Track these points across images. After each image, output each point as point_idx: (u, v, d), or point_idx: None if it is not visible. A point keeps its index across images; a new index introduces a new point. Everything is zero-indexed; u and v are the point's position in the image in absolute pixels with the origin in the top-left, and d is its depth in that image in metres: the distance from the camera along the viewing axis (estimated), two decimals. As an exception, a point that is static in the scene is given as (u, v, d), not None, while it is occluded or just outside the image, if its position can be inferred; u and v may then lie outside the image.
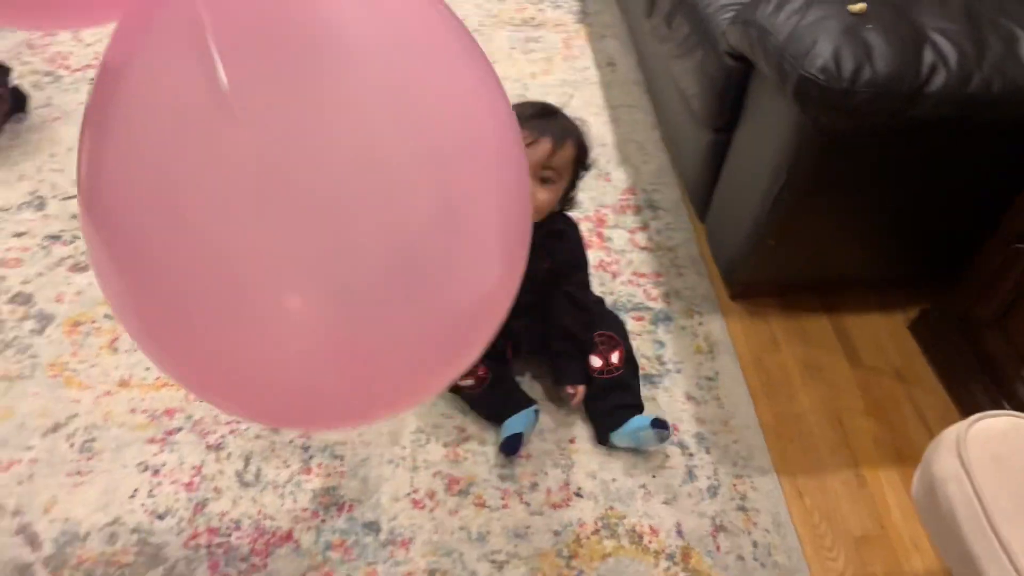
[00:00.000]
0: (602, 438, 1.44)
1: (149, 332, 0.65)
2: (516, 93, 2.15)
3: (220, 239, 0.57)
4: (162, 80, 0.58)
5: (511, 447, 1.41)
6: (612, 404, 1.44)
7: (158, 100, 0.58)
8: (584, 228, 1.83)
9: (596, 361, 1.47)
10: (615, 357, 1.48)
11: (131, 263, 0.61)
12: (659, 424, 1.39)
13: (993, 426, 0.94)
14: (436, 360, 0.67)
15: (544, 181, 1.33)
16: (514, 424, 1.42)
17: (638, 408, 1.46)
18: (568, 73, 2.23)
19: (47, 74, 2.10)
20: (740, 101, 1.54)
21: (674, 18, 1.71)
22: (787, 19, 1.31)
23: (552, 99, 2.11)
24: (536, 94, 2.15)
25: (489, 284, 0.65)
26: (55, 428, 1.43)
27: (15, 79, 1.98)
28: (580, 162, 1.38)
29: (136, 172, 0.59)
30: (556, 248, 1.42)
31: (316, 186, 0.56)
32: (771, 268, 1.61)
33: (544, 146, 1.31)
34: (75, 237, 1.74)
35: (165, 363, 0.68)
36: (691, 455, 1.45)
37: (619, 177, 1.96)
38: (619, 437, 1.42)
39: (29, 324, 1.58)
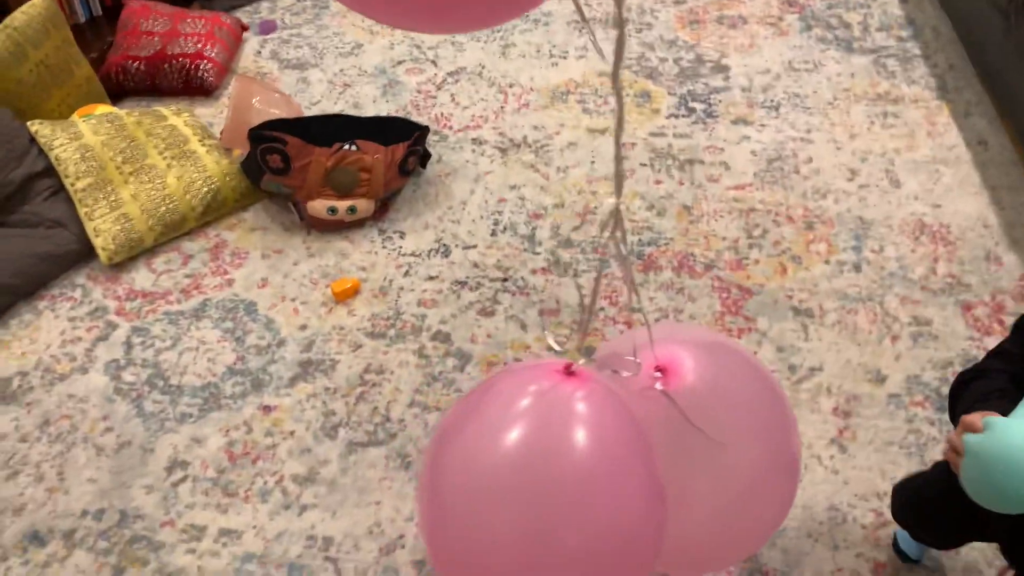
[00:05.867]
0: None
1: None
2: (881, 168, 2.14)
3: None
4: None
5: None
6: None
7: None
8: (980, 312, 1.77)
9: None
10: None
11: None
12: None
13: None
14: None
15: None
16: None
17: None
18: (935, 151, 2.18)
19: (434, 133, 2.34)
20: None
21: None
22: None
23: (922, 176, 2.08)
24: (903, 170, 2.12)
25: None
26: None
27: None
28: None
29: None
30: None
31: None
32: None
33: None
34: (479, 284, 1.92)
35: None
36: None
37: (1011, 261, 1.88)
38: None
39: (451, 361, 1.76)
